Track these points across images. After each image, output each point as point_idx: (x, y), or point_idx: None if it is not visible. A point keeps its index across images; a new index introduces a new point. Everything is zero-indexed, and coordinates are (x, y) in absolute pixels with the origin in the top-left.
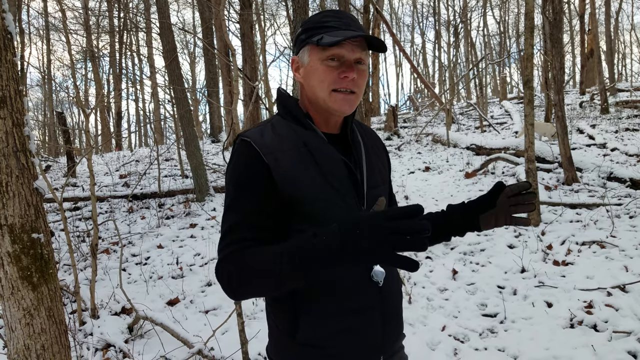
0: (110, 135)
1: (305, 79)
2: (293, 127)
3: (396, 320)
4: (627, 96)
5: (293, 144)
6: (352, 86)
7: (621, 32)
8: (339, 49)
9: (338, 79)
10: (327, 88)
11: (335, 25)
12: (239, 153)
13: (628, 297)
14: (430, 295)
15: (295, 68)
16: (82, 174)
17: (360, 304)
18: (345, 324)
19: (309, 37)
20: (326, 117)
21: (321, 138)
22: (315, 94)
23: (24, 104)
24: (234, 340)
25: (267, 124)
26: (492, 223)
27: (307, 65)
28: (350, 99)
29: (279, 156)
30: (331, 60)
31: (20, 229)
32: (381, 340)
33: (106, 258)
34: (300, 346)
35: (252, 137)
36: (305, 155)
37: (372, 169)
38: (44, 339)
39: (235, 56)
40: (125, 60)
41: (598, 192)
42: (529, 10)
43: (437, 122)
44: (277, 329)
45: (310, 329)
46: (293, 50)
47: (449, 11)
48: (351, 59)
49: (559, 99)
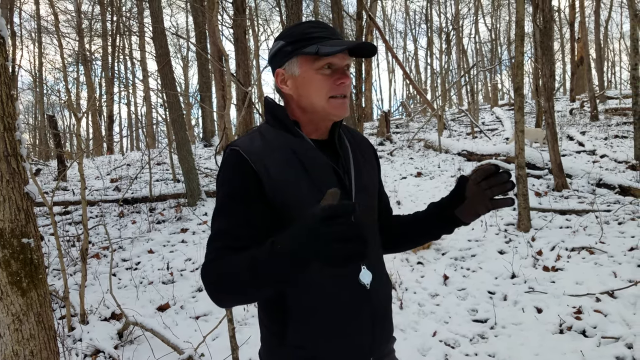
0: (102, 139)
1: (297, 89)
2: (282, 135)
3: (385, 323)
4: (617, 103)
5: (282, 151)
6: (345, 91)
7: (610, 40)
8: (332, 58)
9: (334, 86)
10: (325, 95)
11: (324, 35)
12: (228, 162)
13: (617, 302)
14: (422, 300)
15: (280, 80)
16: (73, 177)
17: (348, 307)
18: (333, 327)
19: (299, 49)
20: (317, 124)
21: (309, 144)
22: (312, 103)
23: (15, 108)
24: (224, 346)
25: (256, 132)
26: (473, 213)
27: (298, 76)
28: (345, 102)
29: (268, 163)
30: (325, 68)
31: (10, 234)
32: (370, 343)
33: (96, 263)
34: (289, 349)
35: (241, 146)
36: (294, 162)
37: (360, 172)
38: (33, 344)
39: (228, 61)
40: (117, 64)
41: (587, 199)
42: (519, 18)
43: (429, 128)
44: (267, 332)
45: (298, 332)
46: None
47: (441, 18)
48: (342, 65)
49: (549, 106)
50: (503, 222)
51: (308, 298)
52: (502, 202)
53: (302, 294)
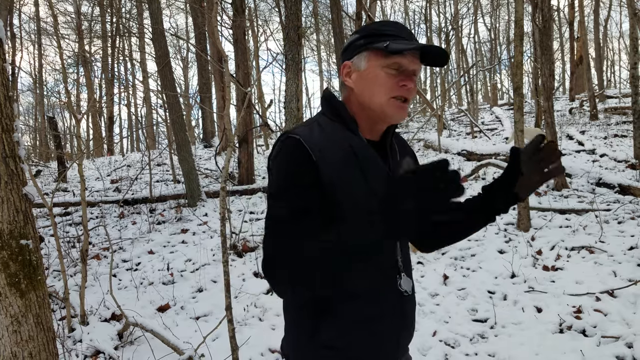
0: (102, 140)
1: (360, 84)
2: (339, 129)
3: (412, 327)
4: (616, 102)
5: (339, 145)
6: (407, 95)
7: (610, 39)
8: (401, 58)
9: (397, 87)
10: (386, 94)
11: (397, 34)
12: (286, 150)
13: (617, 302)
14: (422, 300)
15: (346, 73)
16: (73, 179)
17: (383, 312)
18: (366, 330)
19: (369, 43)
20: (373, 123)
21: (365, 143)
22: (371, 99)
23: (13, 110)
24: (224, 346)
25: (314, 123)
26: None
27: (363, 70)
28: (405, 107)
29: (326, 154)
30: (393, 68)
31: (8, 235)
32: (397, 346)
33: (96, 264)
34: (318, 347)
35: (302, 135)
36: (351, 159)
37: None
38: (32, 346)
39: (228, 62)
40: (117, 65)
41: (587, 198)
42: (518, 18)
43: (429, 128)
44: (296, 327)
45: (331, 332)
46: (343, 56)
47: (440, 18)
48: (410, 69)
49: (548, 105)
50: (503, 221)
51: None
52: (555, 171)
53: (342, 297)
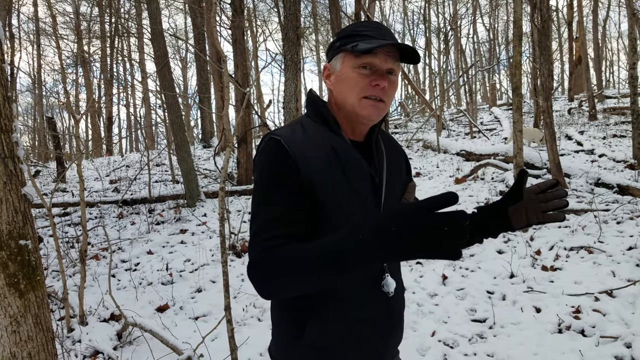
0: (101, 141)
1: (336, 85)
2: (322, 130)
3: (400, 328)
4: (615, 103)
5: (321, 146)
6: (382, 95)
7: (608, 39)
8: (372, 58)
9: (369, 87)
10: (358, 95)
11: (371, 34)
12: (267, 151)
13: (615, 302)
14: (420, 300)
15: (326, 75)
16: (72, 179)
17: (368, 313)
18: (351, 332)
19: (343, 45)
20: (353, 124)
21: (348, 144)
22: (345, 100)
23: (12, 110)
24: (223, 346)
25: (297, 124)
26: (524, 218)
27: (338, 72)
28: (378, 106)
29: (307, 156)
30: (363, 68)
31: (7, 236)
32: (384, 348)
33: (95, 264)
34: (304, 348)
35: (283, 136)
36: (334, 160)
37: (391, 178)
38: (31, 346)
39: (227, 62)
40: (116, 66)
41: (586, 198)
42: (517, 18)
43: (428, 128)
44: (282, 329)
45: (316, 334)
46: (326, 58)
47: (439, 18)
48: (383, 68)
49: (547, 105)
50: None
51: (329, 301)
52: (554, 217)
53: (323, 297)
